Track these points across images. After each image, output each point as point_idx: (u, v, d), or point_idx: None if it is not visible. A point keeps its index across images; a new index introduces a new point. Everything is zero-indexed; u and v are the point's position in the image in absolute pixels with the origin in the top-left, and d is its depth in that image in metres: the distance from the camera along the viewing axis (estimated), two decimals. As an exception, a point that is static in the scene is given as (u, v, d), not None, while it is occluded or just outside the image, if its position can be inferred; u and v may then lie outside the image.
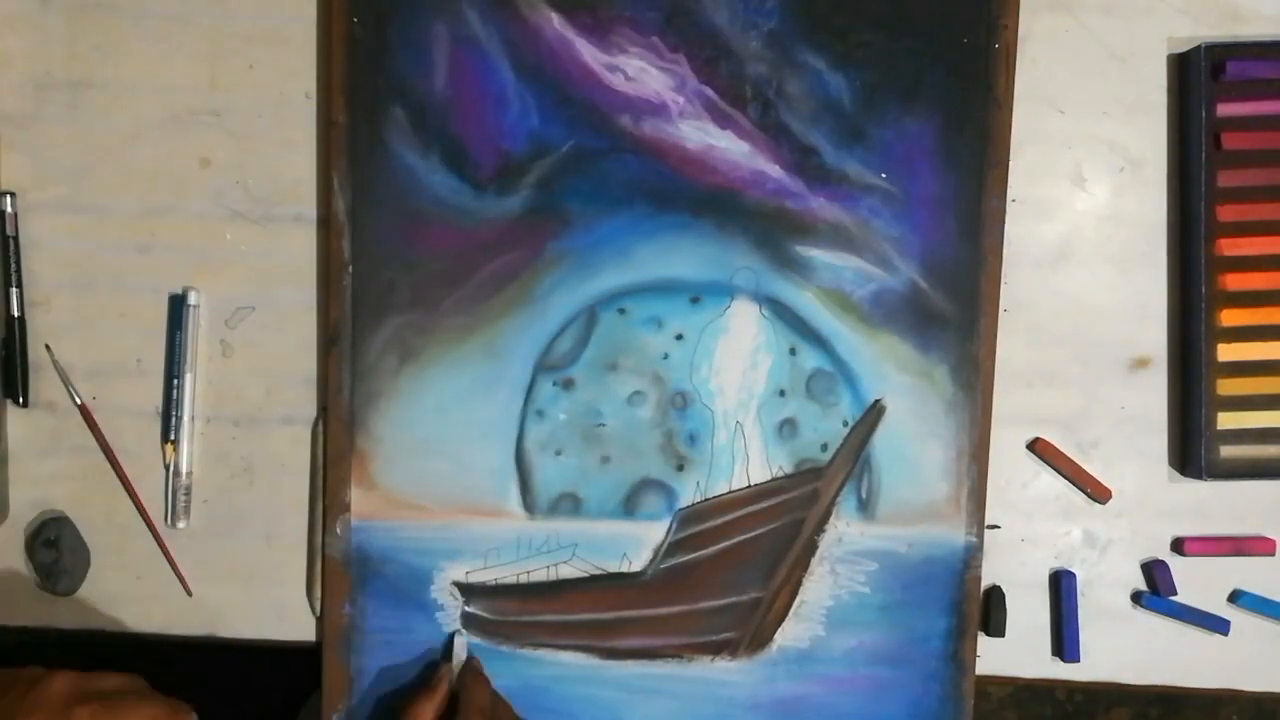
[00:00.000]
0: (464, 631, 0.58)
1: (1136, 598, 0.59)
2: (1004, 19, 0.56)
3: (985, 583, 0.58)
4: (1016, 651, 0.59)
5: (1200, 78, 0.56)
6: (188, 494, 0.59)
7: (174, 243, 0.59)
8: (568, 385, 0.57)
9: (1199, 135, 0.56)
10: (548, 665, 0.58)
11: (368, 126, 0.56)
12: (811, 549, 0.58)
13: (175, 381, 0.58)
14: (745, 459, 0.58)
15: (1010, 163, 0.56)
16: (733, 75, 0.56)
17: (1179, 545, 0.59)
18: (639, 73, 0.56)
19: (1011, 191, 0.57)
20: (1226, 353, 0.57)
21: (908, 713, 0.58)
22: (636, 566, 0.58)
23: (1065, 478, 0.59)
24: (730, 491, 0.58)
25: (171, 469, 0.59)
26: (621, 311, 0.57)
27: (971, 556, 0.57)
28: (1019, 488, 0.59)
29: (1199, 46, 0.56)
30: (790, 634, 0.58)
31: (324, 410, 0.58)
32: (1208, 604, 0.58)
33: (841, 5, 0.56)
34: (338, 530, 0.57)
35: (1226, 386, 0.57)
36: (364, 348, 0.57)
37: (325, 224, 0.58)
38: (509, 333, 0.57)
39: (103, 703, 0.49)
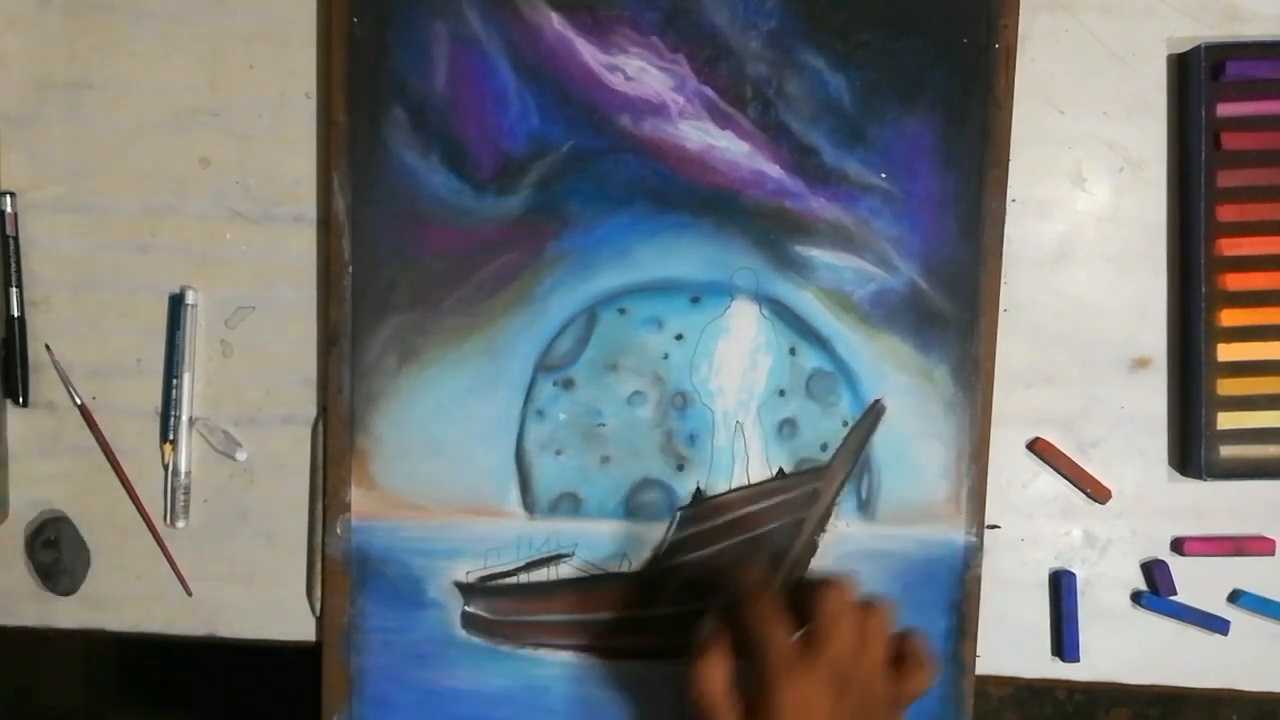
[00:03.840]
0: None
1: (1136, 598, 0.59)
2: (1004, 19, 0.56)
3: (985, 583, 0.58)
4: (1016, 651, 0.59)
5: (1200, 78, 0.56)
6: (187, 494, 0.59)
7: (174, 243, 0.59)
8: (568, 385, 0.57)
9: (1199, 135, 0.56)
10: (548, 665, 0.58)
11: (368, 126, 0.56)
12: (812, 549, 0.58)
13: (174, 381, 0.58)
14: (745, 459, 0.58)
15: (1010, 163, 0.56)
16: (733, 75, 0.56)
17: (1179, 545, 0.59)
18: (639, 73, 0.56)
19: (1011, 191, 0.57)
20: (1226, 353, 0.57)
21: (907, 712, 0.58)
22: (636, 566, 0.58)
23: (1065, 478, 0.59)
24: (730, 491, 0.58)
25: (170, 469, 0.59)
26: (621, 311, 0.57)
27: (971, 556, 0.57)
28: (1019, 488, 0.59)
29: (1199, 46, 0.56)
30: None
31: (324, 410, 0.58)
32: (1207, 604, 0.58)
33: (841, 5, 0.56)
34: (338, 530, 0.58)
35: (1226, 386, 0.57)
36: (364, 348, 0.57)
37: (325, 224, 0.58)
38: (509, 333, 0.57)
39: None
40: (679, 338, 0.57)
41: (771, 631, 0.48)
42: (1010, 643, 0.59)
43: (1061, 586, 0.58)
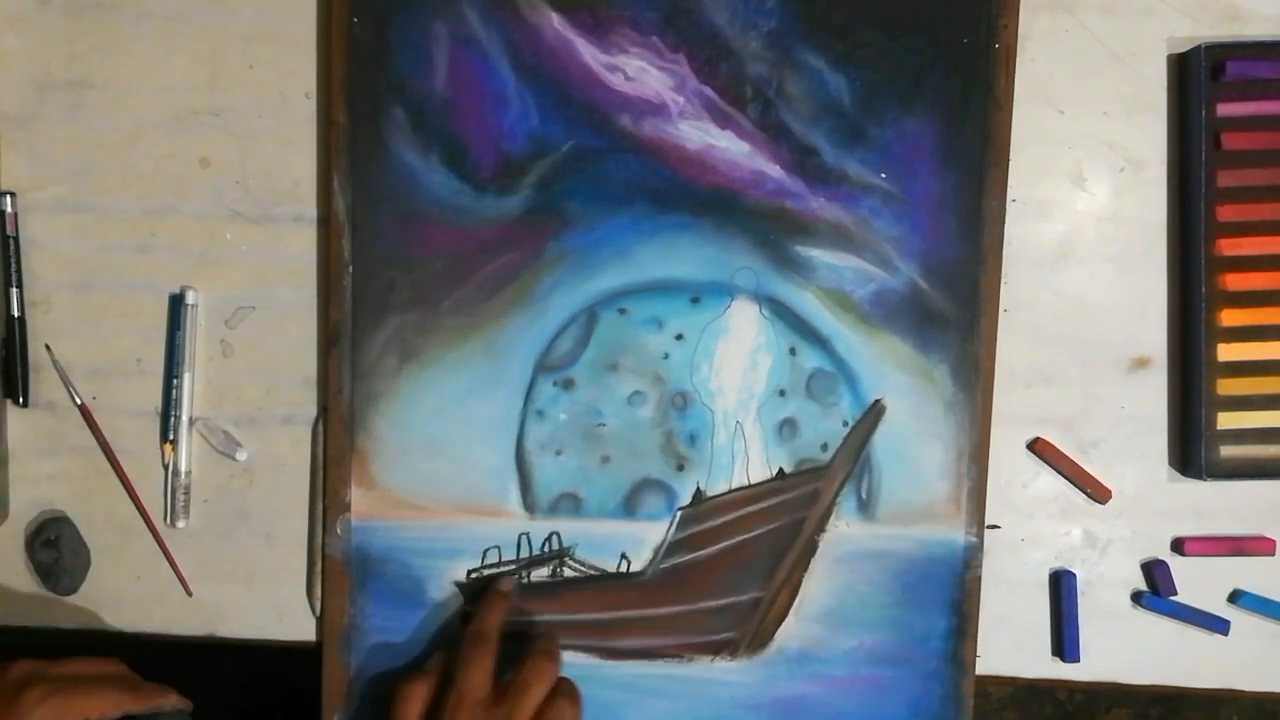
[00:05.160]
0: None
1: (1136, 598, 0.59)
2: (1004, 19, 0.56)
3: (985, 583, 0.58)
4: (1016, 651, 0.59)
5: (1200, 78, 0.56)
6: (187, 494, 0.59)
7: (174, 243, 0.59)
8: (568, 385, 0.57)
9: (1199, 135, 0.56)
10: (548, 665, 0.58)
11: (368, 126, 0.56)
12: (812, 549, 0.58)
13: (174, 381, 0.58)
14: (745, 459, 0.58)
15: (1010, 163, 0.56)
16: (733, 75, 0.56)
17: (1179, 545, 0.59)
18: (639, 73, 0.56)
19: (1011, 191, 0.57)
20: (1226, 353, 0.57)
21: (908, 713, 0.58)
22: (636, 566, 0.58)
23: (1065, 478, 0.59)
24: (730, 491, 0.58)
25: (170, 469, 0.59)
26: (621, 311, 0.57)
27: (971, 556, 0.57)
28: (1019, 488, 0.59)
29: (1199, 46, 0.56)
30: (790, 634, 0.58)
31: (324, 410, 0.58)
32: (1208, 604, 0.58)
33: (841, 5, 0.56)
34: (338, 530, 0.58)
35: (1226, 386, 0.57)
36: (364, 348, 0.57)
37: (325, 224, 0.58)
38: (509, 333, 0.57)
39: (55, 685, 0.49)
40: (679, 338, 0.57)
41: (469, 674, 0.52)
42: (1010, 643, 0.59)
43: (1061, 586, 0.58)
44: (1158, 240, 0.58)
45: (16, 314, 0.58)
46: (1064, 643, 0.58)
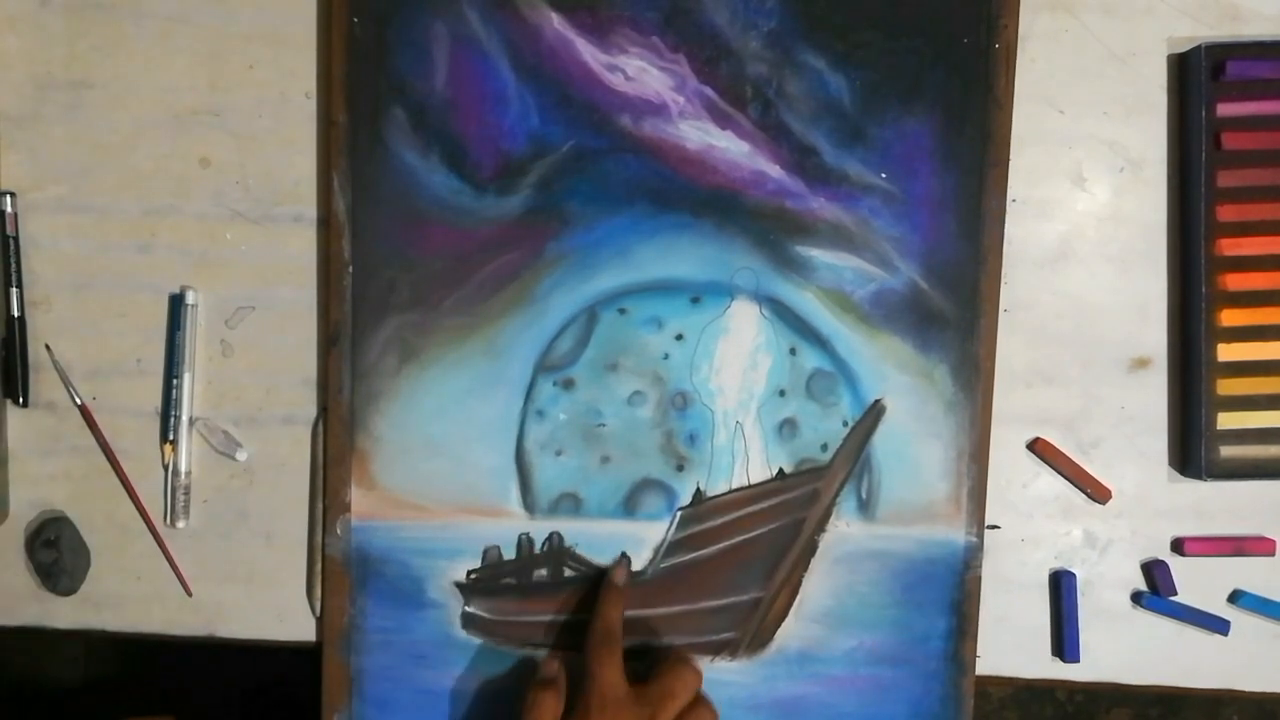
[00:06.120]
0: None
1: (1136, 598, 0.59)
2: (1004, 19, 0.56)
3: (985, 583, 0.58)
4: (1016, 651, 0.59)
5: (1200, 78, 0.56)
6: (187, 494, 0.59)
7: (174, 243, 0.59)
8: (568, 385, 0.57)
9: (1199, 135, 0.56)
10: (548, 665, 0.58)
11: (368, 126, 0.56)
12: (811, 549, 0.58)
13: (174, 381, 0.58)
14: (745, 459, 0.58)
15: (1010, 163, 0.56)
16: (733, 75, 0.56)
17: (1179, 545, 0.59)
18: (639, 73, 0.56)
19: (1011, 191, 0.57)
20: (1226, 353, 0.57)
21: (908, 713, 0.58)
22: (636, 566, 0.58)
23: (1065, 478, 0.59)
24: (730, 491, 0.58)
25: (170, 469, 0.59)
26: (621, 311, 0.57)
27: (971, 556, 0.57)
28: (1019, 488, 0.59)
29: (1199, 46, 0.56)
30: (790, 634, 0.58)
31: (324, 410, 0.58)
32: (1208, 604, 0.58)
33: (841, 5, 0.56)
34: (338, 530, 0.58)
35: (1226, 386, 0.57)
36: (364, 348, 0.57)
37: (325, 224, 0.58)
38: (509, 333, 0.57)
39: None
40: (679, 338, 0.57)
41: (605, 673, 0.52)
42: (1010, 643, 0.59)
43: (1061, 586, 0.58)
44: (1158, 240, 0.58)
45: (16, 314, 0.58)
46: (1064, 643, 0.58)
